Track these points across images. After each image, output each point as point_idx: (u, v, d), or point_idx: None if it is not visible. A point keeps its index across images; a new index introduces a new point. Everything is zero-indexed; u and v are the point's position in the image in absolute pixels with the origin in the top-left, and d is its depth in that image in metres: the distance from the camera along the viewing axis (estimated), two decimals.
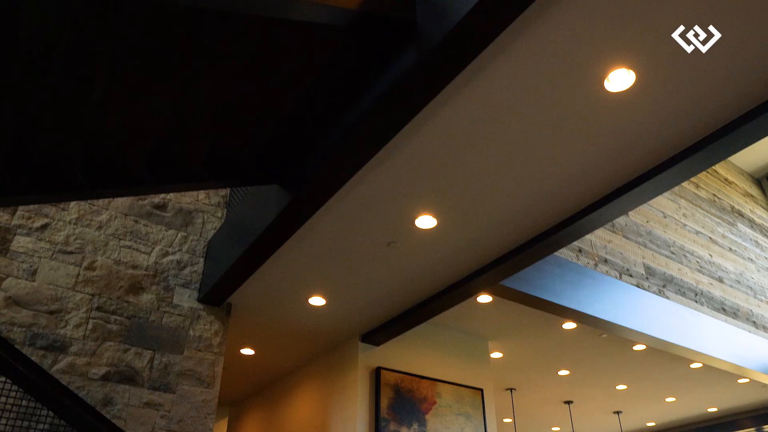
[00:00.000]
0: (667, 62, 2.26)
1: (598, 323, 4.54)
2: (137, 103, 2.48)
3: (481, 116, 2.54)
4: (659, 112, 2.51)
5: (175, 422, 3.87)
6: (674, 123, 2.57)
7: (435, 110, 2.48)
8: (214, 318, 4.30)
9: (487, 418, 5.28)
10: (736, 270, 6.70)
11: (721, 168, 8.06)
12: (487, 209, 3.19)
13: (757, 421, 8.24)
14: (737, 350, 5.64)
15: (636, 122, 2.57)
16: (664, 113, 2.51)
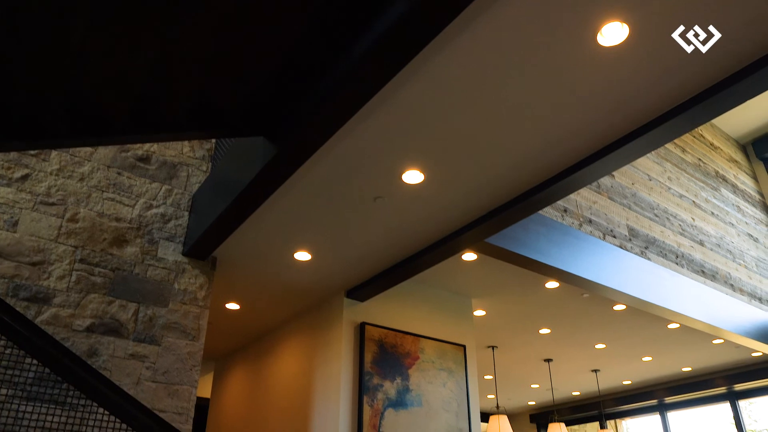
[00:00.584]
0: (661, 14, 2.23)
1: (581, 282, 4.60)
2: (118, 50, 2.41)
3: (471, 70, 2.51)
4: (652, 67, 2.49)
5: (160, 374, 3.90)
6: (666, 79, 2.55)
7: (425, 61, 2.44)
8: (199, 272, 4.30)
9: (469, 374, 5.38)
10: (717, 234, 6.79)
11: (707, 133, 8.09)
12: (475, 165, 3.18)
13: (729, 381, 8.50)
14: (714, 312, 5.76)
15: (628, 78, 2.55)
16: (658, 68, 2.49)
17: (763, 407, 12.58)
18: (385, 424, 4.66)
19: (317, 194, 3.52)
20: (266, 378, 6.01)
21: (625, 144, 2.94)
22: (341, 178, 3.34)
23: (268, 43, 2.55)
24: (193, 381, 4.04)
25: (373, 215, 3.73)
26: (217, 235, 4.03)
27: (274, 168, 3.15)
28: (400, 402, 4.82)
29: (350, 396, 4.66)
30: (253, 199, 3.52)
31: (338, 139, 2.96)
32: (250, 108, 2.91)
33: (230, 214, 3.71)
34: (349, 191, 3.47)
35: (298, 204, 3.65)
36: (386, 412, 4.72)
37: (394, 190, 3.41)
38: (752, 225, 7.78)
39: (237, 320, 5.91)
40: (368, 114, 2.76)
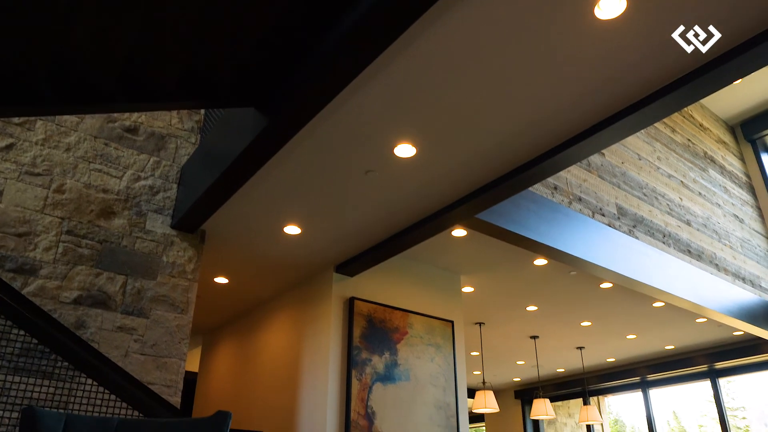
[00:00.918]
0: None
1: (570, 260, 4.63)
2: (106, 13, 2.35)
3: (465, 44, 2.48)
4: (649, 40, 2.47)
5: (148, 346, 3.89)
6: (663, 53, 2.54)
7: (419, 34, 2.40)
8: (188, 245, 4.27)
9: (457, 350, 5.43)
10: (704, 214, 6.85)
11: (696, 113, 8.11)
12: (468, 140, 3.16)
13: (710, 359, 8.65)
14: (699, 291, 5.83)
15: (624, 53, 2.54)
16: (654, 42, 2.48)
17: (740, 385, 12.84)
18: (373, 398, 4.70)
19: (308, 167, 3.49)
20: (255, 352, 6.03)
21: (617, 121, 2.93)
22: (333, 152, 3.32)
23: (259, 12, 2.50)
24: (182, 354, 4.04)
25: (365, 189, 3.72)
26: (206, 208, 4.00)
27: (264, 140, 3.11)
28: (388, 376, 4.86)
29: (339, 370, 4.68)
30: (242, 171, 3.49)
31: (330, 112, 2.93)
32: (240, 78, 2.86)
33: (219, 186, 3.68)
34: (340, 165, 3.45)
35: (289, 177, 3.62)
36: (374, 386, 4.75)
37: (386, 163, 3.39)
38: (738, 206, 7.85)
39: (225, 294, 5.90)
40: (360, 86, 2.73)
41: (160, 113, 4.41)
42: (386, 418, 4.72)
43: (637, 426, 18.22)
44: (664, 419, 17.17)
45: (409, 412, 4.86)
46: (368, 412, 4.64)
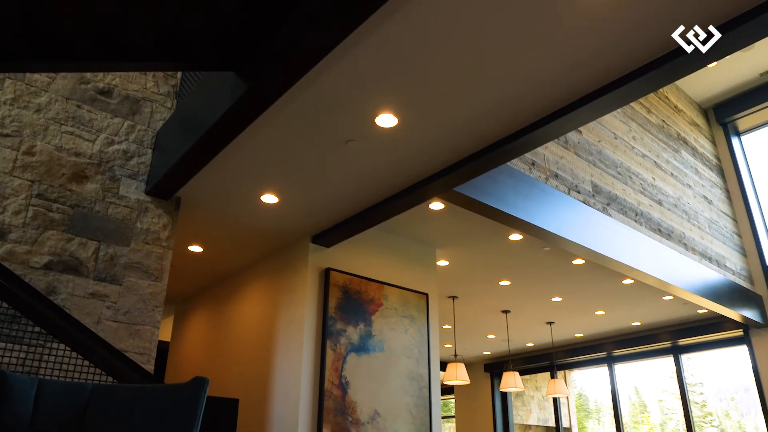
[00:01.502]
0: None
1: (545, 235, 4.69)
2: None
3: (449, 13, 2.45)
4: (629, 19, 2.48)
5: (121, 313, 3.84)
6: (642, 33, 2.55)
7: (403, 2, 2.37)
8: (163, 211, 4.20)
9: (431, 322, 5.49)
10: (675, 194, 6.98)
11: (672, 95, 8.21)
12: (450, 111, 3.15)
13: (674, 335, 8.91)
14: (667, 269, 5.97)
15: (604, 30, 2.54)
16: (634, 21, 2.49)
17: (699, 362, 13.27)
18: (347, 368, 4.74)
19: (288, 135, 3.45)
20: (228, 322, 6.01)
21: (596, 98, 2.96)
22: (313, 120, 3.28)
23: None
24: (156, 322, 4.01)
25: (344, 159, 3.69)
26: (181, 175, 3.94)
27: (243, 106, 3.06)
28: (362, 347, 4.90)
29: (313, 340, 4.70)
30: (220, 138, 3.43)
31: (312, 79, 2.88)
32: (220, 40, 2.79)
33: (195, 153, 3.62)
34: (320, 133, 3.41)
35: (267, 145, 3.57)
36: (348, 357, 4.79)
37: (367, 133, 3.37)
38: (708, 188, 8.02)
39: (200, 263, 5.85)
40: (344, 54, 2.69)
41: (135, 76, 4.30)
42: (360, 387, 4.76)
43: (600, 400, 18.77)
44: (626, 394, 17.70)
45: (382, 382, 4.91)
46: (342, 382, 4.68)
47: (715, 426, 17.36)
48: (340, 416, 4.57)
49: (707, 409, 17.43)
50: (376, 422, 4.77)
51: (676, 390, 9.66)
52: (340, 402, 4.61)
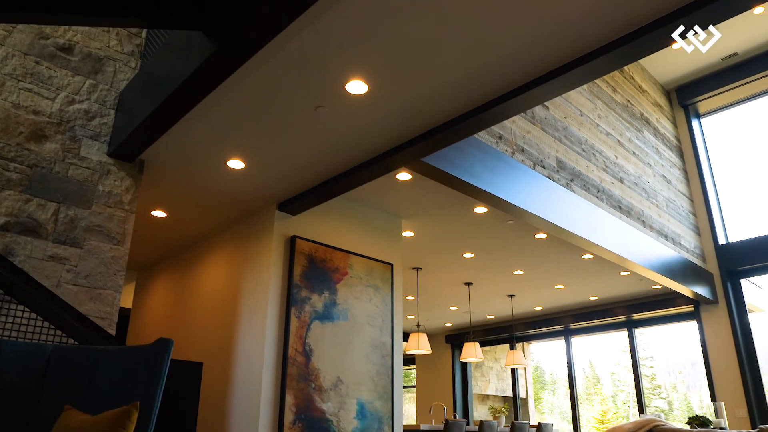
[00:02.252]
0: None
1: (509, 208, 4.76)
2: None
3: None
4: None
5: (82, 277, 3.78)
6: (612, 8, 2.58)
7: None
8: (125, 174, 4.11)
9: (395, 292, 5.55)
10: (636, 173, 7.15)
11: (637, 75, 8.35)
12: (420, 80, 3.15)
13: (629, 310, 9.22)
14: (625, 245, 6.14)
15: (578, 1, 2.56)
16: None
17: (650, 337, 13.75)
18: (311, 336, 4.77)
19: (256, 99, 3.40)
20: (192, 289, 5.96)
21: (565, 72, 2.99)
22: (283, 84, 3.23)
23: None
24: (117, 286, 3.95)
25: (313, 125, 3.66)
26: (145, 137, 3.85)
27: (211, 67, 3.00)
28: (326, 315, 4.93)
29: (278, 307, 4.71)
30: (185, 100, 3.36)
31: (282, 42, 2.84)
32: None
33: (160, 115, 3.54)
34: (290, 98, 3.37)
35: (235, 108, 3.51)
36: (313, 324, 4.82)
37: (337, 99, 3.34)
38: (667, 167, 8.23)
39: (163, 228, 5.76)
40: (316, 16, 2.65)
41: (97, 33, 4.16)
42: (323, 355, 4.81)
43: (556, 373, 19.35)
44: (581, 367, 18.31)
45: (345, 350, 4.97)
46: (306, 349, 4.71)
47: (663, 398, 18.15)
48: (303, 383, 4.62)
49: (656, 381, 18.20)
50: (339, 389, 4.83)
51: (629, 363, 10.03)
52: (303, 369, 4.65)
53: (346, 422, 4.79)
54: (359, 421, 4.89)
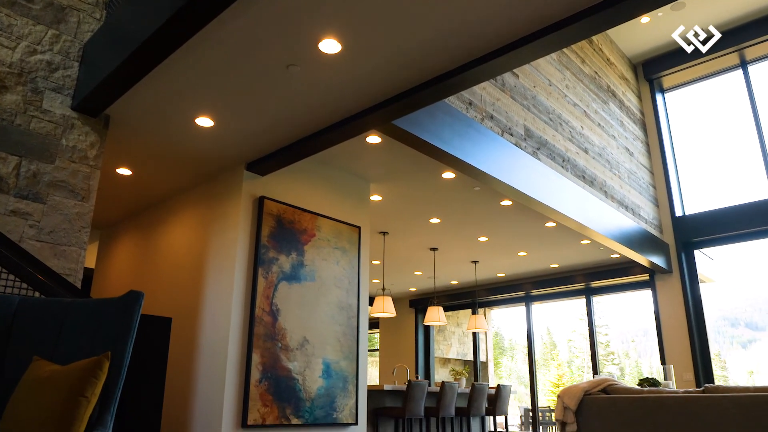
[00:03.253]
0: None
1: (477, 174, 4.83)
2: None
3: None
4: None
5: (45, 233, 3.72)
6: None
7: None
8: (90, 129, 4.03)
9: (362, 255, 5.61)
10: (600, 144, 7.30)
11: (606, 48, 8.45)
12: (394, 41, 3.15)
13: (588, 278, 9.51)
14: (587, 214, 6.31)
15: None
16: None
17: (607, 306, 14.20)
18: (278, 296, 4.81)
19: (227, 55, 3.35)
20: (157, 248, 5.91)
21: (537, 39, 3.03)
22: (255, 40, 3.19)
23: None
24: (82, 243, 3.90)
25: (285, 84, 3.63)
26: (110, 91, 3.77)
27: (181, 21, 2.94)
28: (294, 276, 4.97)
29: (245, 268, 4.72)
30: (153, 54, 3.29)
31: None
32: None
33: (127, 68, 3.46)
34: (262, 55, 3.33)
35: (206, 64, 3.46)
36: (280, 285, 4.86)
37: (310, 58, 3.32)
38: (630, 140, 8.42)
39: (128, 187, 5.66)
40: None
41: None
42: (290, 315, 4.86)
43: (515, 339, 19.90)
44: (539, 334, 18.89)
45: (312, 310, 5.03)
46: (273, 309, 4.76)
47: (615, 364, 18.92)
48: (269, 342, 4.67)
49: (610, 348, 18.93)
50: (305, 349, 4.90)
51: (585, 331, 10.38)
52: (270, 328, 4.70)
53: (311, 381, 4.88)
54: (325, 380, 4.99)
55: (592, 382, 4.06)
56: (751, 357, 14.58)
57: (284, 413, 4.63)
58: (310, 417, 4.80)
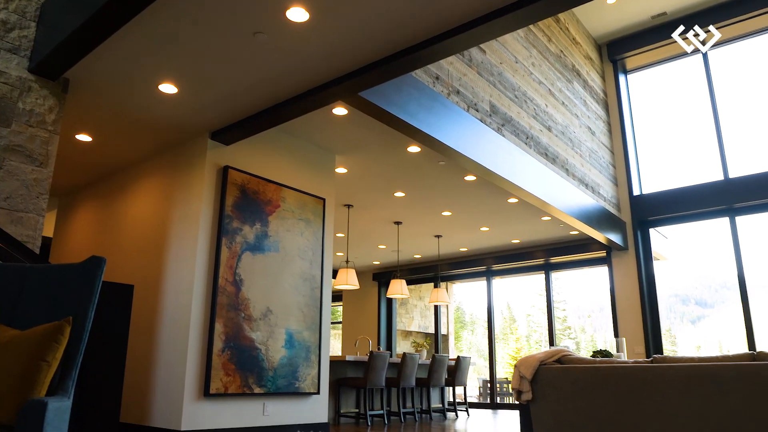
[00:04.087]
0: None
1: (442, 148, 4.87)
2: None
3: None
4: None
5: (1, 199, 3.63)
6: None
7: None
8: (48, 93, 3.92)
9: (326, 226, 5.63)
10: (563, 123, 7.43)
11: (572, 27, 8.54)
12: (363, 10, 3.13)
13: (547, 254, 9.75)
14: (549, 191, 6.44)
15: None
16: None
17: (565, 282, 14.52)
18: (242, 266, 4.81)
19: (193, 20, 3.29)
20: (119, 217, 5.82)
21: (506, 13, 3.06)
22: (222, 6, 3.14)
23: None
24: (41, 210, 3.82)
25: (251, 51, 3.59)
26: (69, 54, 3.66)
27: None
28: (257, 246, 4.97)
29: (209, 238, 4.70)
30: (116, 16, 3.21)
31: None
32: None
33: (87, 31, 3.37)
34: (229, 21, 3.28)
35: (170, 28, 3.39)
36: (243, 255, 4.85)
37: (277, 26, 3.28)
38: (593, 119, 8.58)
39: (88, 153, 5.53)
40: None
41: None
42: (253, 285, 4.87)
43: (475, 314, 20.30)
44: (499, 309, 19.31)
45: (276, 281, 5.05)
46: (236, 279, 4.76)
47: (572, 338, 19.54)
48: (233, 312, 4.68)
49: (567, 323, 19.53)
50: (268, 319, 4.93)
51: (544, 306, 10.66)
52: (233, 298, 4.71)
53: (274, 350, 4.92)
54: (287, 350, 5.03)
55: (547, 353, 4.20)
56: (699, 333, 15.21)
57: (247, 382, 4.67)
58: (273, 386, 4.85)
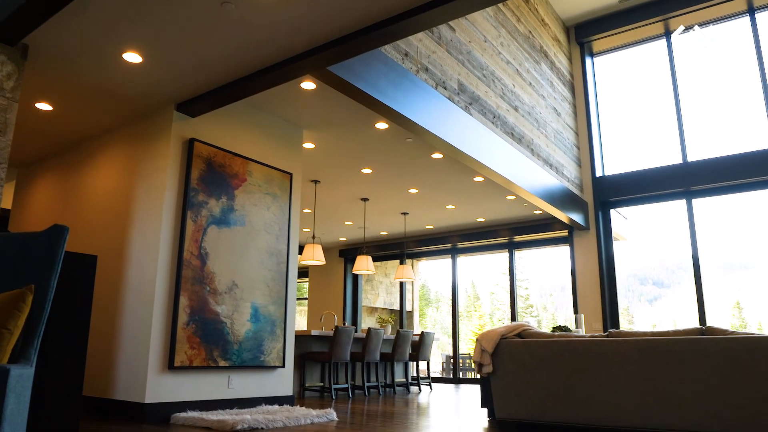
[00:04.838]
0: None
1: (410, 126, 4.90)
2: None
3: None
4: None
5: None
6: None
7: None
8: (6, 58, 3.80)
9: (293, 201, 5.63)
10: (530, 103, 7.52)
11: (542, 8, 8.60)
12: None
13: (511, 232, 9.93)
14: (514, 171, 6.55)
15: None
16: None
17: (528, 262, 14.75)
18: (207, 240, 4.79)
19: None
20: (81, 189, 5.70)
21: None
22: None
23: None
24: (0, 179, 3.73)
25: (218, 22, 3.54)
26: (29, 19, 3.55)
27: None
28: (223, 220, 4.95)
29: (173, 210, 4.66)
30: None
31: None
32: None
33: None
34: None
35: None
36: (209, 229, 4.83)
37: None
38: (558, 101, 8.71)
39: (48, 123, 5.39)
40: None
41: None
42: (219, 259, 4.86)
43: (440, 292, 20.56)
44: (463, 287, 19.60)
45: (241, 255, 5.04)
46: (201, 253, 4.74)
47: (534, 316, 20.00)
48: (198, 285, 4.67)
49: (530, 302, 19.96)
50: (234, 293, 4.93)
51: (507, 285, 10.87)
52: (198, 272, 4.69)
53: (239, 324, 4.93)
54: (253, 324, 5.05)
55: (508, 327, 4.31)
56: (655, 312, 15.74)
57: (212, 355, 4.68)
58: (238, 359, 4.87)
